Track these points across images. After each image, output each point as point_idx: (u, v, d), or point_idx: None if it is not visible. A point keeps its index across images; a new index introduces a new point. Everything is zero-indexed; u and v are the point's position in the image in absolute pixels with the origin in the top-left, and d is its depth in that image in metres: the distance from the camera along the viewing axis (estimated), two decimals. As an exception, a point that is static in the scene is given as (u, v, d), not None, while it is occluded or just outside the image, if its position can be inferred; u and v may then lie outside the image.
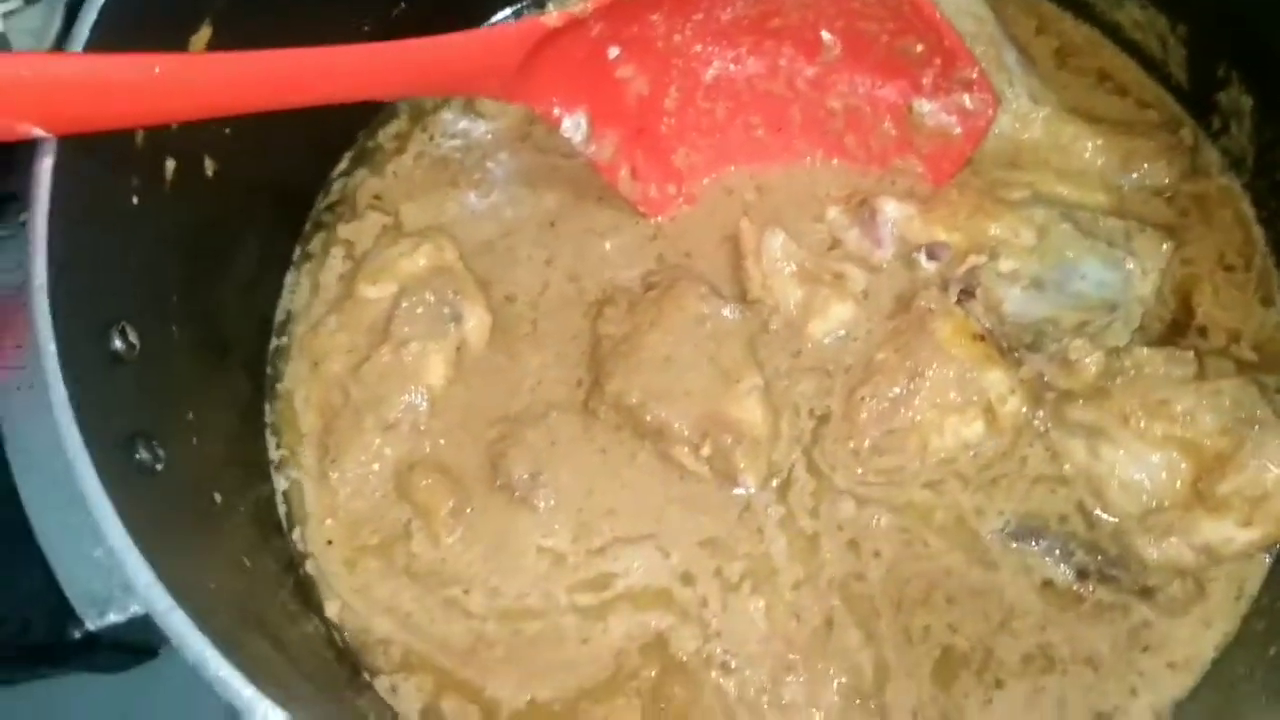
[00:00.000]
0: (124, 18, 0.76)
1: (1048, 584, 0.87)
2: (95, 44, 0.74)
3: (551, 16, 0.86)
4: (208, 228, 0.88)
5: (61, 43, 1.01)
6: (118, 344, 0.74)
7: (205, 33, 0.83)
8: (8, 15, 1.22)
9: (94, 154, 0.72)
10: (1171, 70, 1.02)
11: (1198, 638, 0.86)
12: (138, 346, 0.75)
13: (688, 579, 0.88)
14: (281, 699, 0.63)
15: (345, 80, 0.79)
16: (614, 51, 0.93)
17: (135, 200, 0.78)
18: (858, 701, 0.85)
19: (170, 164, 0.82)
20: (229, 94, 0.74)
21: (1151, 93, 1.04)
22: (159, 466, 0.73)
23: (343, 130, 1.06)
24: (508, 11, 1.12)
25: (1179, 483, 0.86)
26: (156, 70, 0.69)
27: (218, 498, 0.82)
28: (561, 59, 0.89)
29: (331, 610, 0.89)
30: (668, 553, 0.89)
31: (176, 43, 0.82)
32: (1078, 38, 1.07)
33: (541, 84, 0.90)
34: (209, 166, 0.87)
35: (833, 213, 0.99)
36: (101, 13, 0.75)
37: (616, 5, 0.88)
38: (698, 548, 0.89)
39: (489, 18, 1.11)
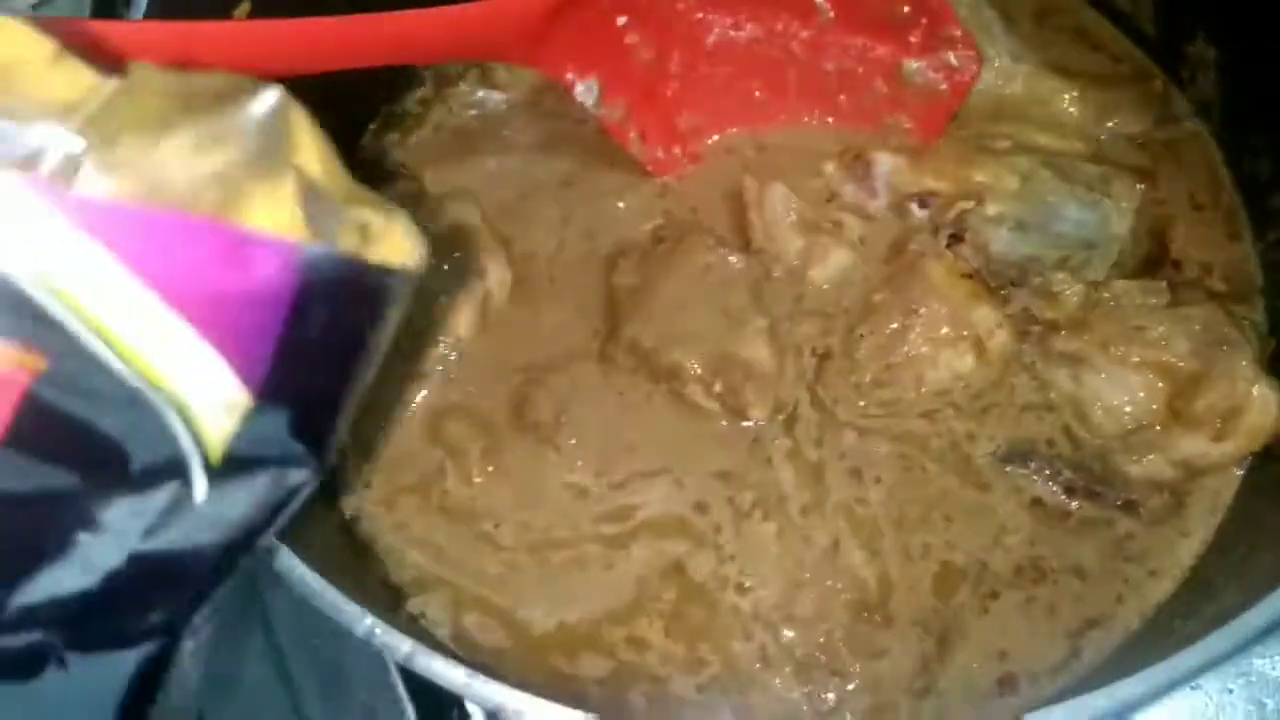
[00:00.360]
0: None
1: (1037, 502, 0.94)
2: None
3: (564, -16, 0.93)
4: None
5: None
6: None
7: (245, 6, 0.90)
8: (37, 7, 1.28)
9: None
10: (1142, 24, 1.09)
11: (1175, 546, 0.92)
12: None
13: (702, 508, 0.95)
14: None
15: (379, 46, 0.86)
16: (622, 20, 1.00)
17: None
18: (864, 614, 0.91)
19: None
20: (269, 58, 0.80)
21: (1123, 47, 1.11)
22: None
23: (367, 103, 1.13)
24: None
25: (1156, 403, 0.92)
26: (198, 36, 0.76)
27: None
28: (576, 27, 0.96)
29: (376, 545, 0.96)
30: (683, 484, 0.96)
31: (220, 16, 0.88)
32: (1057, -1, 1.14)
33: (558, 51, 0.97)
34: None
35: (830, 167, 1.06)
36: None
37: (623, -28, 0.95)
38: (711, 479, 0.96)
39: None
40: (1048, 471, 0.95)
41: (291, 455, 0.60)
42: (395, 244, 0.63)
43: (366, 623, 0.74)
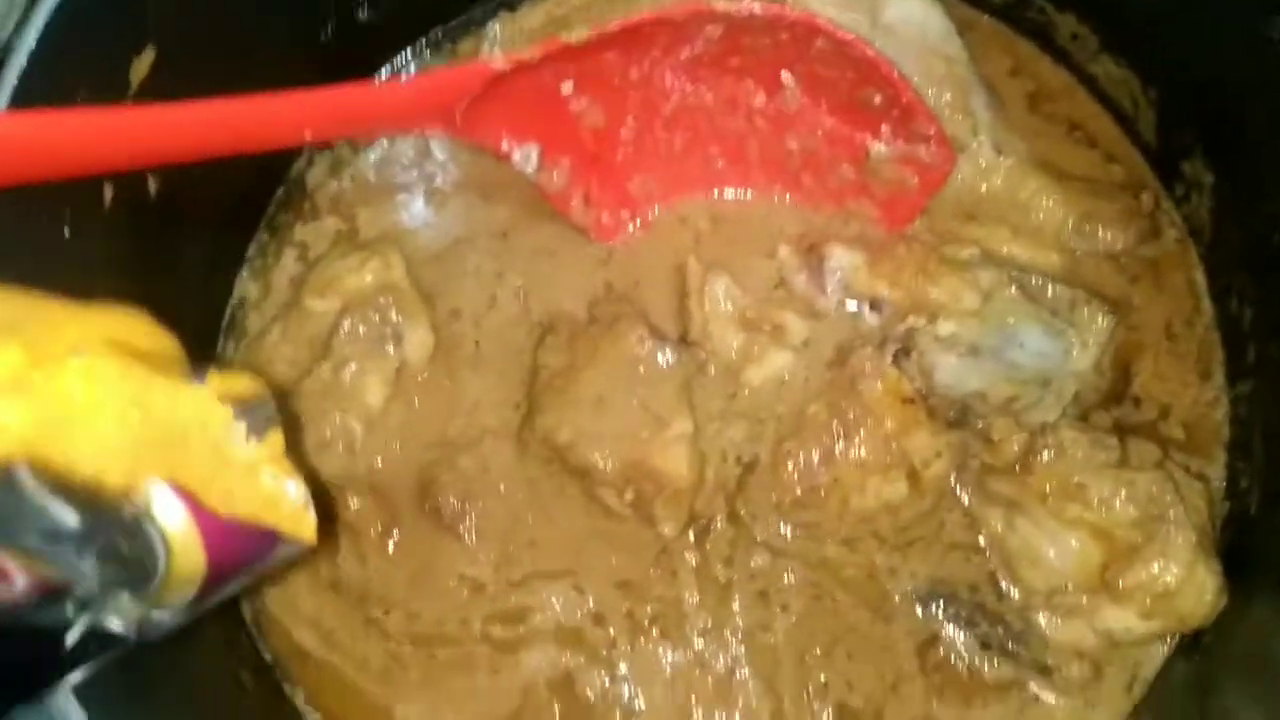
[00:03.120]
0: (68, 37, 0.75)
1: (945, 653, 0.89)
2: (38, 58, 0.74)
3: (498, 60, 0.86)
4: (150, 245, 0.89)
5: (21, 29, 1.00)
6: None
7: (149, 55, 0.83)
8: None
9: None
10: (1141, 129, 1.00)
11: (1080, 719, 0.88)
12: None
13: (600, 620, 0.91)
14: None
15: (287, 126, 0.79)
16: (567, 87, 0.92)
17: (67, 233, 0.79)
18: (751, 752, 0.88)
19: (109, 190, 0.82)
20: (162, 146, 0.74)
21: (1121, 148, 1.02)
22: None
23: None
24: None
25: (1088, 567, 0.87)
26: (82, 126, 0.70)
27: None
28: (510, 97, 0.88)
29: (258, 625, 0.93)
30: (583, 590, 0.92)
31: (120, 61, 0.81)
32: (1054, 83, 1.04)
33: (489, 122, 0.90)
34: (151, 186, 0.87)
35: (783, 252, 0.98)
36: (44, 30, 0.75)
37: (567, 48, 0.87)
38: (613, 588, 0.92)
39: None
40: (965, 619, 0.90)
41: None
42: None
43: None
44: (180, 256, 0.94)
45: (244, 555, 0.60)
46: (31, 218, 0.76)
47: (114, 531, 0.53)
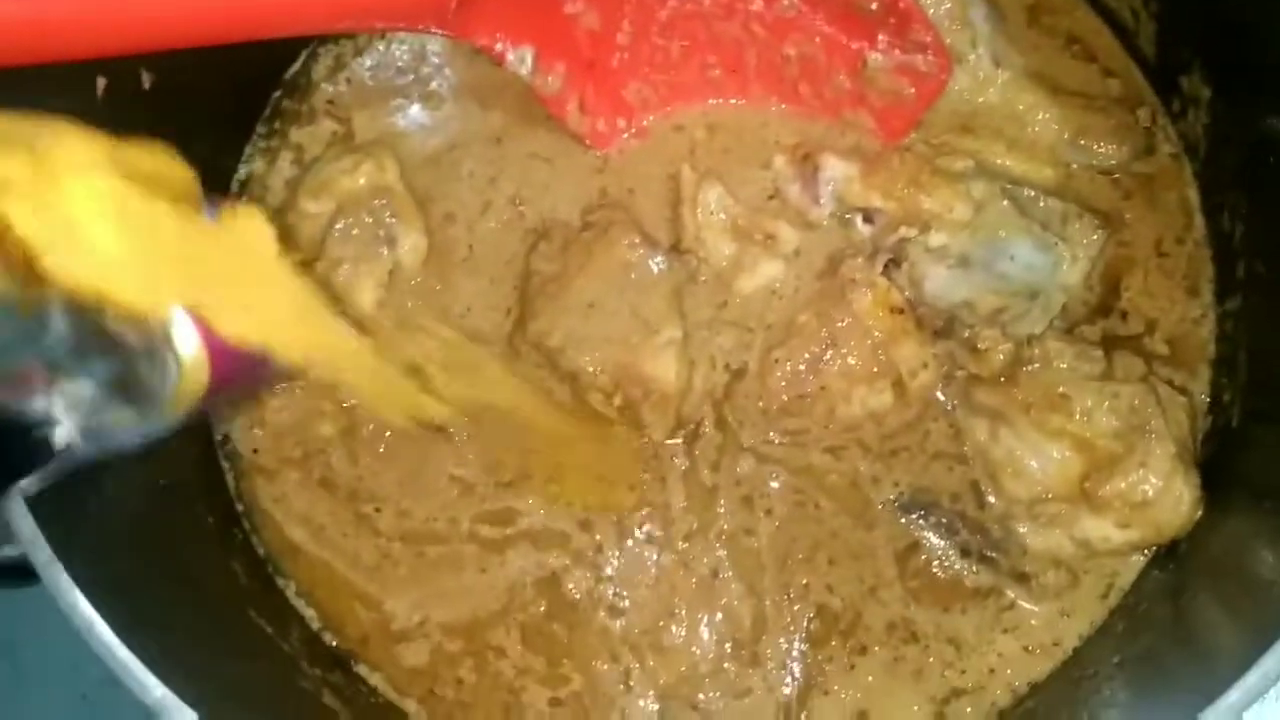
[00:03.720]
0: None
1: (925, 559, 0.91)
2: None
3: (492, -45, 0.85)
4: (143, 140, 0.88)
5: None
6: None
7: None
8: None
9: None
10: (1141, 43, 0.99)
11: (1055, 625, 0.90)
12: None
13: (586, 525, 0.92)
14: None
15: (276, 13, 0.79)
16: (563, -14, 0.92)
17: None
18: (730, 649, 0.90)
19: (101, 81, 0.82)
20: (155, 30, 0.74)
21: (1119, 62, 1.01)
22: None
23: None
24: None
25: (1068, 477, 0.88)
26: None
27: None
28: (506, -5, 0.88)
29: (250, 519, 0.94)
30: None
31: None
32: (1055, -5, 1.03)
33: (483, 19, 0.89)
34: (145, 79, 0.87)
35: (778, 162, 0.98)
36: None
37: (563, -56, 0.86)
38: (601, 492, 0.93)
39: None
40: (946, 527, 0.91)
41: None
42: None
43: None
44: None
45: (238, 375, 0.63)
46: (20, 106, 0.76)
47: (126, 351, 0.55)
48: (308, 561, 0.94)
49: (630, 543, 0.92)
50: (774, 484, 0.92)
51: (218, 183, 1.01)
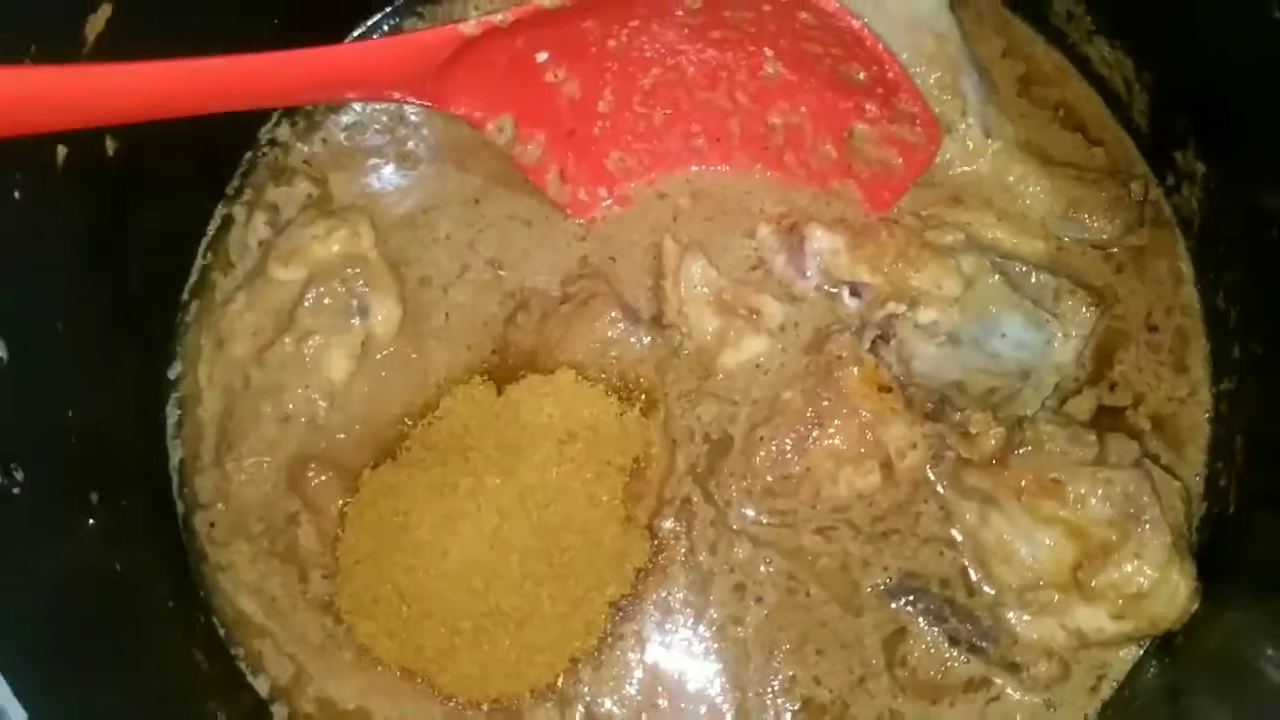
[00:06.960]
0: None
1: (912, 649, 0.88)
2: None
3: (470, 25, 0.82)
4: (107, 207, 0.85)
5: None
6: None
7: (106, 10, 0.80)
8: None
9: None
10: (1134, 115, 0.97)
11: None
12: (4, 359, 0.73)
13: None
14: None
15: (248, 90, 0.77)
16: (543, 56, 0.89)
17: (17, 195, 0.75)
18: (712, 742, 0.87)
19: (62, 150, 0.79)
20: (117, 107, 0.71)
21: (1112, 134, 0.99)
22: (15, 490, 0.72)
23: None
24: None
25: (1061, 565, 0.85)
26: (39, 83, 0.67)
27: (94, 498, 0.82)
28: (483, 65, 0.85)
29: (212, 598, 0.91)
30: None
31: (74, 16, 0.78)
32: (1046, 65, 1.01)
33: (462, 90, 0.87)
34: (109, 146, 0.84)
35: (763, 231, 0.96)
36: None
37: (542, 14, 0.84)
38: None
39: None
40: (934, 614, 0.88)
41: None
42: None
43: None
44: (143, 215, 0.90)
45: None
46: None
47: None
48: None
49: (615, 643, 0.89)
50: (767, 569, 0.89)
51: (191, 241, 0.98)
